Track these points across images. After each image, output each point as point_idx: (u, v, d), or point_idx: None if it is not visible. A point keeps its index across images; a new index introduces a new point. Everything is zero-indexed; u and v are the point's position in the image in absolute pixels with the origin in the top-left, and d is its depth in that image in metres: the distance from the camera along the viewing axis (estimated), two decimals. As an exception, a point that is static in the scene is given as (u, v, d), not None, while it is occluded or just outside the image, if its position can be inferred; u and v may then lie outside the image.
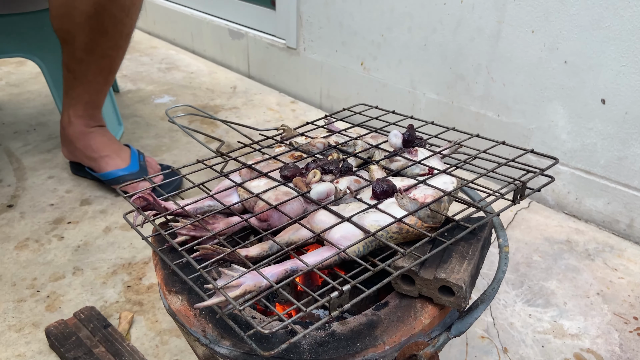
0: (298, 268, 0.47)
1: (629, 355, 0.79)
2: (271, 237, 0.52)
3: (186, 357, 0.76)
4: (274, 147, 0.70)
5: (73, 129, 1.15)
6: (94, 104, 1.15)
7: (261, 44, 1.76)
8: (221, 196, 0.59)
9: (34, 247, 0.99)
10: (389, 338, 0.47)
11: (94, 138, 1.15)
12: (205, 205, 0.57)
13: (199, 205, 0.57)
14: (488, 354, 0.79)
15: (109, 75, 1.13)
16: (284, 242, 0.52)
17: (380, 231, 0.50)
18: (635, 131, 0.98)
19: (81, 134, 1.15)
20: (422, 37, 1.27)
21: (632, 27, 0.93)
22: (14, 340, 0.79)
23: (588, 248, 1.02)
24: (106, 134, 1.18)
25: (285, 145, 0.69)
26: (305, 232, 0.52)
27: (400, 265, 0.48)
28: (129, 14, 1.04)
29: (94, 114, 1.16)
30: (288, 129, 0.72)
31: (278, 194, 0.56)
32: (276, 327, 0.40)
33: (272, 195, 0.56)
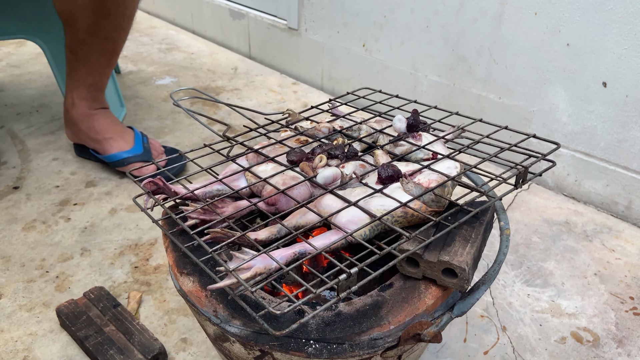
0: (306, 251, 0.49)
1: (625, 334, 0.81)
2: (279, 220, 0.53)
3: (194, 335, 0.79)
4: (279, 132, 0.71)
5: (76, 111, 1.15)
6: (97, 86, 1.15)
7: (262, 25, 1.75)
8: (229, 180, 0.60)
9: (42, 229, 1.00)
10: (393, 318, 0.49)
11: (97, 120, 1.16)
12: (214, 189, 0.58)
13: (207, 190, 0.58)
14: (487, 332, 0.81)
15: (112, 57, 1.13)
16: (291, 226, 0.53)
17: (386, 215, 0.51)
18: (636, 114, 0.99)
19: (85, 116, 1.15)
20: (425, 19, 1.27)
21: (634, 10, 0.93)
22: (25, 320, 0.81)
23: (586, 229, 1.04)
24: (110, 116, 1.18)
25: (290, 130, 0.70)
26: (312, 216, 0.53)
27: (405, 249, 0.50)
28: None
29: (97, 96, 1.17)
30: (293, 113, 0.73)
31: (285, 178, 0.57)
32: (287, 308, 0.42)
33: (279, 180, 0.57)
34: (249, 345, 0.50)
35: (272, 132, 0.70)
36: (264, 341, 0.48)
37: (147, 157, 1.14)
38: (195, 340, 0.78)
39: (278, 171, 0.58)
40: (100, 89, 1.17)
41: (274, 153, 0.63)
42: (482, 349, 0.78)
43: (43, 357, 0.75)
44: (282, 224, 0.52)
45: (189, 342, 0.78)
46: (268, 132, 0.69)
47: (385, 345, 0.49)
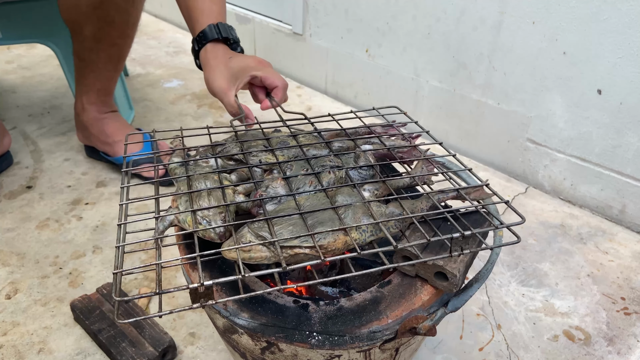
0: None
1: (615, 333, 0.84)
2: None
3: (201, 330, 0.82)
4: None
5: (87, 116, 1.19)
6: (105, 90, 1.19)
7: (267, 29, 1.79)
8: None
9: (55, 227, 1.04)
10: (391, 312, 0.53)
11: (107, 124, 1.20)
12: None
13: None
14: (483, 330, 0.84)
15: (119, 62, 1.17)
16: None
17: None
18: (630, 121, 1.02)
19: (95, 120, 1.19)
20: (426, 26, 1.30)
21: (629, 20, 0.97)
22: (40, 314, 0.85)
23: (581, 232, 1.07)
24: (119, 119, 1.22)
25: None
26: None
27: (405, 247, 0.53)
28: (134, 4, 1.07)
29: (106, 100, 1.21)
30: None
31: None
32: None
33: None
34: (256, 337, 0.53)
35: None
36: (270, 333, 0.52)
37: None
38: (202, 335, 0.81)
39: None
40: (108, 93, 1.20)
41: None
42: (478, 346, 0.82)
43: (58, 349, 0.79)
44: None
45: (197, 336, 0.81)
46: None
47: (384, 338, 0.52)
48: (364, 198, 0.54)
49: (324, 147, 0.64)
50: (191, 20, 0.84)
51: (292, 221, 0.50)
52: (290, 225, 0.50)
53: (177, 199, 0.56)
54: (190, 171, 0.58)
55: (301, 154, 0.61)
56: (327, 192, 0.55)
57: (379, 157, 0.64)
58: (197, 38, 0.82)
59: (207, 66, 0.80)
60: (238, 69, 0.78)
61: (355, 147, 0.64)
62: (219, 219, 0.51)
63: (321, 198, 0.54)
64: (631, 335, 0.84)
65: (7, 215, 1.07)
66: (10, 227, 1.04)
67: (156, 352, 0.74)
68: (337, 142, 0.65)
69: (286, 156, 0.61)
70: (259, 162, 0.60)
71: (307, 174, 0.57)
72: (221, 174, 0.58)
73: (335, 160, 0.60)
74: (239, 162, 0.61)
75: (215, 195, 0.54)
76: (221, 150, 0.63)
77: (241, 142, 0.64)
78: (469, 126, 1.31)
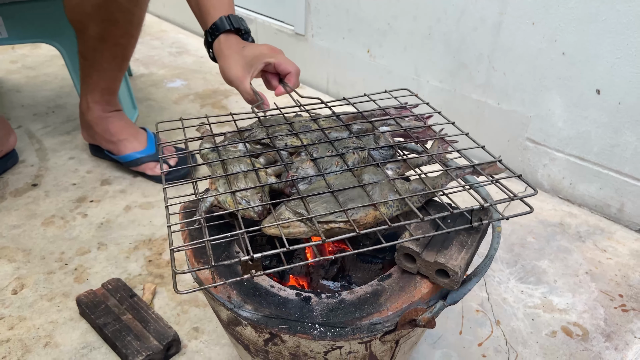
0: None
1: (613, 329, 0.86)
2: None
3: (205, 324, 0.84)
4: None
5: (91, 115, 1.21)
6: (109, 90, 1.21)
7: (270, 30, 1.80)
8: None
9: (60, 224, 1.06)
10: (391, 305, 0.54)
11: (112, 123, 1.21)
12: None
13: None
14: (482, 326, 0.86)
15: (123, 62, 1.18)
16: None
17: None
18: (628, 120, 1.03)
19: (99, 119, 1.21)
20: (427, 26, 1.31)
21: (627, 21, 0.98)
22: (47, 309, 0.87)
23: (580, 230, 1.08)
24: (123, 118, 1.24)
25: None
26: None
27: (406, 246, 0.55)
28: (138, 4, 1.09)
29: (110, 100, 1.22)
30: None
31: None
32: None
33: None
34: (259, 329, 0.55)
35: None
36: (273, 324, 0.53)
37: (159, 157, 1.19)
38: (206, 329, 0.83)
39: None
40: (113, 92, 1.22)
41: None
42: (477, 341, 0.83)
43: (64, 343, 0.81)
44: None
45: (201, 330, 0.83)
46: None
47: (384, 330, 0.54)
48: (388, 176, 0.58)
49: (344, 129, 0.68)
50: (202, 13, 0.86)
51: (325, 199, 0.55)
52: (324, 202, 0.54)
53: (215, 182, 0.58)
54: (222, 156, 0.62)
55: (324, 137, 0.65)
56: (353, 171, 0.59)
57: (396, 137, 0.68)
58: (209, 30, 0.84)
59: (222, 56, 0.82)
60: (252, 57, 0.79)
61: (374, 129, 0.68)
62: (257, 198, 0.55)
63: (349, 177, 0.58)
64: (628, 331, 0.85)
65: (13, 212, 1.09)
66: (17, 224, 1.06)
67: (161, 346, 0.76)
68: (356, 125, 0.69)
69: (309, 139, 0.65)
70: (285, 145, 0.64)
71: (333, 155, 0.62)
72: (252, 156, 0.61)
73: (357, 142, 0.64)
74: (265, 146, 0.65)
75: (251, 177, 0.58)
76: (248, 135, 0.66)
77: (266, 127, 0.67)
78: (470, 125, 1.32)
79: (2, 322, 0.84)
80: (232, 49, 0.81)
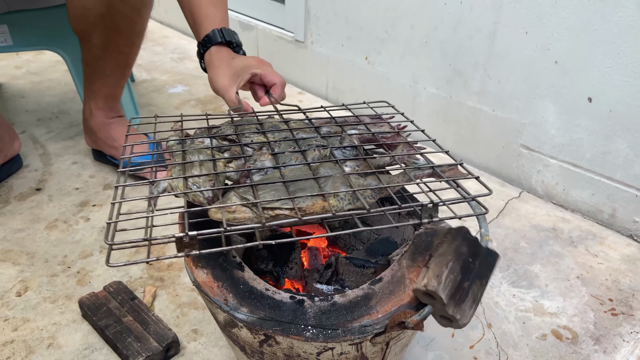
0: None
1: (602, 333, 0.88)
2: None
3: (204, 327, 0.86)
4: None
5: (94, 121, 1.23)
6: (112, 96, 1.23)
7: (270, 37, 1.83)
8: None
9: (63, 228, 1.08)
10: (381, 308, 0.56)
11: (114, 128, 1.24)
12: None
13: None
14: (474, 329, 0.88)
15: (125, 69, 1.21)
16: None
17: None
18: (619, 128, 1.05)
19: (102, 124, 1.24)
20: (424, 34, 1.34)
21: (618, 31, 1.00)
22: (50, 311, 0.89)
23: (572, 235, 1.10)
24: (125, 124, 1.26)
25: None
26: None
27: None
28: (140, 14, 1.11)
29: (113, 106, 1.25)
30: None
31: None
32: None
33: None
34: (254, 330, 0.57)
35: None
36: (268, 326, 0.55)
37: (160, 162, 1.21)
38: (205, 331, 0.85)
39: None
40: (115, 99, 1.24)
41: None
42: (469, 344, 0.85)
43: (66, 344, 0.83)
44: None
45: (200, 332, 0.85)
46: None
47: (374, 332, 0.56)
48: (345, 171, 0.58)
49: (313, 131, 0.68)
50: (196, 25, 0.89)
51: (275, 187, 0.55)
52: (273, 190, 0.55)
53: (172, 169, 0.60)
54: (190, 146, 0.63)
55: (291, 136, 0.66)
56: (311, 166, 0.59)
57: (364, 141, 0.68)
58: (202, 42, 0.87)
59: (211, 66, 0.85)
60: (240, 68, 0.82)
61: (343, 132, 0.68)
62: (209, 185, 0.56)
63: (305, 170, 0.59)
64: (617, 335, 0.87)
65: (17, 216, 1.11)
66: (21, 227, 1.08)
67: (160, 347, 0.78)
68: (326, 128, 0.69)
69: (277, 138, 0.66)
70: (250, 142, 0.65)
71: (294, 151, 0.62)
72: (214, 150, 0.63)
73: (322, 141, 0.64)
74: (232, 142, 0.66)
75: (207, 166, 0.59)
76: (216, 131, 0.68)
77: (236, 125, 0.69)
78: (465, 132, 1.34)
79: (7, 324, 0.86)
80: (222, 60, 0.83)
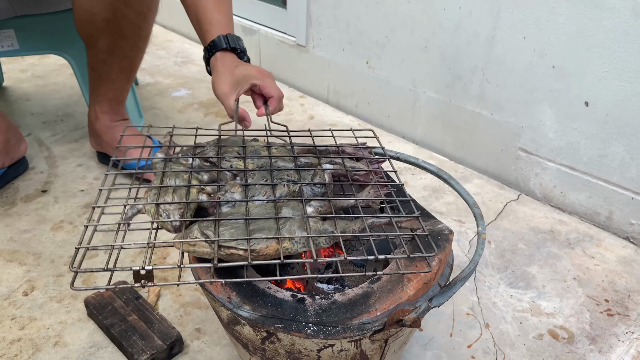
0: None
1: (598, 333, 0.89)
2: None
3: (207, 325, 0.88)
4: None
5: (100, 124, 1.25)
6: (117, 100, 1.25)
7: (272, 41, 1.85)
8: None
9: (69, 229, 1.10)
10: (380, 306, 0.58)
11: (118, 132, 1.26)
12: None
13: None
14: (472, 329, 0.89)
15: (130, 74, 1.23)
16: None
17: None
18: (615, 132, 1.07)
19: (107, 127, 1.26)
20: (423, 39, 1.36)
21: (613, 37, 1.02)
22: (56, 310, 0.91)
23: (569, 237, 1.12)
24: (130, 127, 1.28)
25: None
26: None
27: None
28: (146, 19, 1.14)
29: (118, 109, 1.27)
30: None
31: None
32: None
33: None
34: (257, 327, 0.59)
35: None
36: (270, 323, 0.57)
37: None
38: (208, 330, 0.87)
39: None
40: (120, 102, 1.27)
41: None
42: (467, 343, 0.87)
43: (72, 342, 0.85)
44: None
45: (203, 331, 0.87)
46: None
47: (373, 329, 0.58)
48: (305, 213, 0.59)
49: (291, 160, 0.69)
50: (202, 31, 0.91)
51: (237, 225, 0.57)
52: (233, 228, 0.56)
53: (149, 191, 0.62)
54: (170, 167, 0.65)
55: (268, 164, 0.68)
56: (276, 203, 0.61)
57: (337, 176, 0.69)
58: (207, 47, 0.89)
59: (215, 72, 0.88)
60: (241, 77, 0.85)
61: (319, 164, 0.69)
62: (177, 214, 0.58)
63: (269, 208, 0.60)
64: (613, 335, 0.88)
65: (24, 217, 1.13)
66: (27, 228, 1.10)
67: (164, 345, 0.80)
68: (304, 158, 0.70)
69: (256, 164, 0.68)
70: (230, 166, 0.67)
71: (265, 184, 0.64)
72: (193, 173, 0.64)
73: (294, 175, 0.66)
74: (213, 164, 0.68)
75: (180, 193, 0.61)
76: (200, 151, 0.70)
77: (219, 146, 0.71)
78: (465, 135, 1.36)
79: (14, 323, 0.88)
80: (226, 66, 0.86)
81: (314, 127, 1.56)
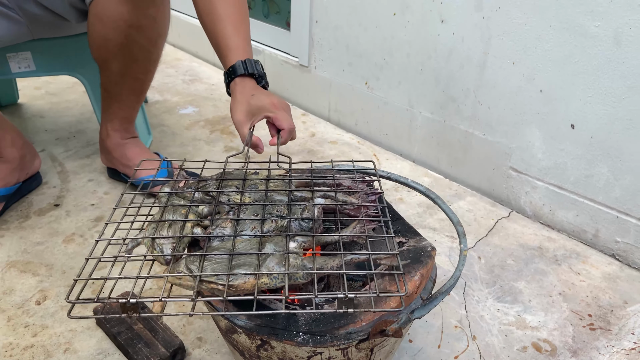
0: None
1: (580, 346, 0.93)
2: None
3: (208, 335, 0.93)
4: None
5: (111, 141, 1.32)
6: (127, 119, 1.32)
7: (276, 61, 1.93)
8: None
9: (79, 241, 1.16)
10: (365, 317, 0.63)
11: (129, 149, 1.32)
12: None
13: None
14: (459, 341, 0.94)
15: (140, 94, 1.30)
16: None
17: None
18: (600, 153, 1.12)
19: (117, 145, 1.32)
20: (419, 62, 1.42)
21: (597, 64, 1.08)
22: (67, 318, 0.96)
23: (557, 254, 1.17)
24: (139, 145, 1.35)
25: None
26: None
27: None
28: (156, 44, 1.21)
29: (128, 128, 1.34)
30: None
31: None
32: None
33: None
34: (252, 336, 0.64)
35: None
36: (263, 332, 0.63)
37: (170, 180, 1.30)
38: (209, 339, 0.92)
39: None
40: (130, 121, 1.33)
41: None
42: (454, 354, 0.91)
43: (82, 349, 0.90)
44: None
45: (204, 340, 0.92)
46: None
47: (358, 338, 0.63)
48: (287, 249, 0.62)
49: (285, 194, 0.73)
50: (221, 56, 0.97)
51: (221, 260, 0.61)
52: (217, 263, 0.60)
53: (148, 225, 0.68)
54: (172, 201, 0.71)
55: (263, 198, 0.72)
56: (263, 238, 0.64)
57: (328, 210, 0.72)
58: (227, 72, 0.95)
59: (234, 98, 0.93)
60: (256, 108, 0.90)
61: (312, 198, 0.72)
62: (170, 248, 0.64)
63: (253, 243, 0.63)
64: (594, 348, 0.93)
65: (37, 230, 1.20)
66: (40, 241, 1.16)
67: (167, 353, 0.85)
68: (299, 192, 0.74)
69: (252, 198, 0.72)
70: (228, 200, 0.72)
71: (255, 219, 0.68)
72: (192, 207, 0.69)
73: (284, 210, 0.69)
74: (212, 198, 0.73)
75: (175, 228, 0.66)
76: (202, 185, 0.75)
77: (220, 180, 0.75)
78: (458, 154, 1.41)
79: (27, 330, 0.94)
80: (243, 94, 0.91)
81: (315, 144, 1.63)
